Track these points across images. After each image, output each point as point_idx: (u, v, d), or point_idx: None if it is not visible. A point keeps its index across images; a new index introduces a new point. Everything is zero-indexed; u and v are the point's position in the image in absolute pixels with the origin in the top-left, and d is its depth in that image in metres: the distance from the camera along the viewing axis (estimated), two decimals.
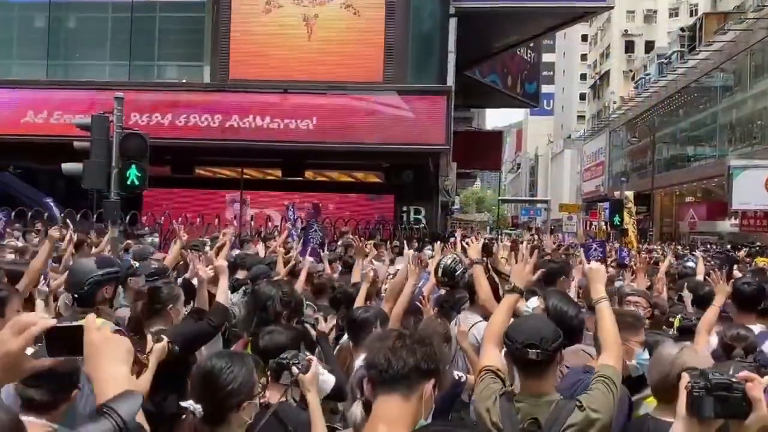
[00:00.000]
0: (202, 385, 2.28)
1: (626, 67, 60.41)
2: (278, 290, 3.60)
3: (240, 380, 2.26)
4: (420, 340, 1.86)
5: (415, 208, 17.23)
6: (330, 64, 15.93)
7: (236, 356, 2.42)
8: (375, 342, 1.91)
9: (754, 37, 28.36)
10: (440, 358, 1.86)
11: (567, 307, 3.30)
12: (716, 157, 32.44)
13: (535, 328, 2.60)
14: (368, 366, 1.87)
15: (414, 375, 1.79)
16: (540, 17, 18.70)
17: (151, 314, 3.67)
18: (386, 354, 1.81)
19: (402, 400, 1.79)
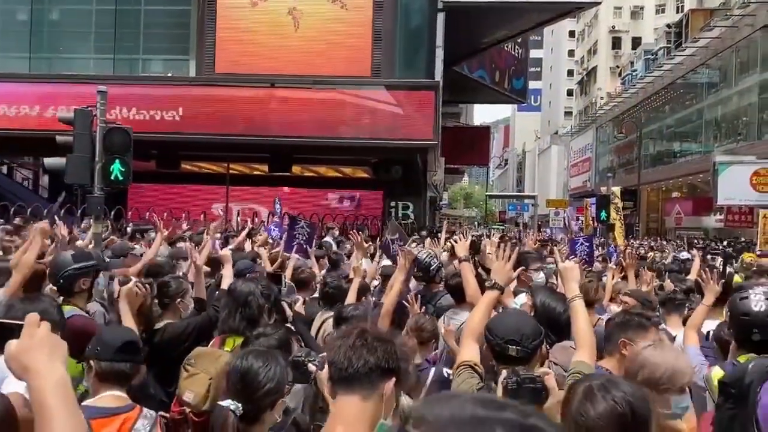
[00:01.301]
0: (242, 383, 2.29)
1: (613, 63, 60.68)
2: (256, 285, 3.60)
3: (277, 378, 2.30)
4: (381, 338, 1.83)
5: (403, 203, 17.20)
6: (317, 58, 15.83)
7: (270, 354, 2.43)
8: (335, 340, 1.88)
9: (739, 33, 28.56)
10: (402, 356, 1.83)
11: (555, 304, 3.28)
12: (702, 153, 32.69)
13: (516, 324, 2.64)
14: (328, 365, 1.84)
15: (374, 374, 1.76)
16: (528, 12, 18.69)
17: (161, 308, 3.96)
18: (346, 352, 1.78)
19: (362, 399, 1.75)
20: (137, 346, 2.74)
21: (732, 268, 9.55)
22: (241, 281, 3.86)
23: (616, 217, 17.27)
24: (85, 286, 3.84)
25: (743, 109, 29.36)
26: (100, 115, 8.65)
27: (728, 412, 2.41)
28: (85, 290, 3.86)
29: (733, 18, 28.90)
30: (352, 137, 15.00)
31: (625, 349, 2.92)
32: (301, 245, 8.00)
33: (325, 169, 18.46)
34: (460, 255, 4.16)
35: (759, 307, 3.08)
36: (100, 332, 2.82)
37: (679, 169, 35.73)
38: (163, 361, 3.63)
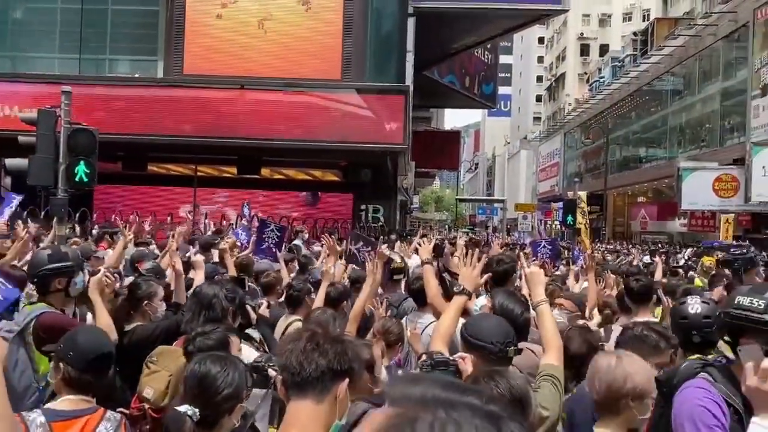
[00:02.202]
0: (199, 388, 2.26)
1: (581, 69, 61.66)
2: (221, 288, 3.59)
3: (235, 384, 2.27)
4: (333, 340, 1.83)
5: (373, 206, 17.22)
6: (288, 60, 15.78)
7: (228, 359, 2.40)
8: (286, 344, 1.87)
9: (702, 42, 29.28)
10: (354, 357, 1.83)
11: (513, 306, 3.28)
12: (666, 159, 33.37)
13: (492, 327, 2.72)
14: (280, 369, 1.83)
15: (327, 377, 1.77)
16: (497, 18, 18.90)
17: (130, 309, 3.94)
18: (298, 357, 1.78)
19: (314, 403, 1.76)
20: (111, 357, 2.73)
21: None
22: (206, 284, 3.85)
23: (582, 222, 17.54)
24: (60, 285, 3.84)
25: (706, 117, 30.09)
26: (64, 115, 8.51)
27: (659, 410, 2.47)
28: (60, 289, 3.86)
29: (696, 27, 29.61)
30: (322, 140, 14.99)
31: None
32: (270, 248, 7.97)
33: (294, 172, 18.39)
34: (423, 257, 4.19)
35: (695, 310, 3.21)
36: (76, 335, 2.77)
37: (644, 175, 36.42)
38: (131, 363, 3.60)
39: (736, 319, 2.09)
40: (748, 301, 2.08)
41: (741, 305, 2.09)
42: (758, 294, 2.09)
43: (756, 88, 23.87)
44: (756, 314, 2.04)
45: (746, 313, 2.06)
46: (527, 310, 3.26)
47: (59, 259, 3.89)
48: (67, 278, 3.89)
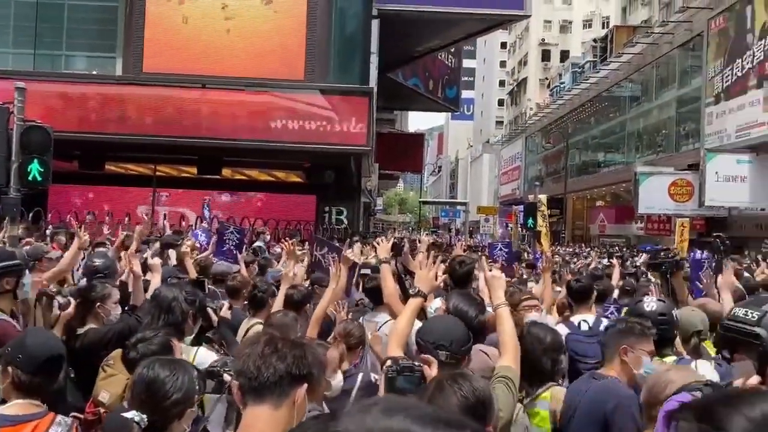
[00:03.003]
0: (147, 394, 2.20)
1: (542, 75, 62.64)
2: (180, 290, 3.53)
3: (185, 388, 2.22)
4: (292, 344, 1.80)
5: (337, 208, 17.15)
6: (250, 60, 15.62)
7: (177, 363, 2.35)
8: (243, 348, 1.84)
9: (659, 50, 30.05)
10: (313, 361, 1.81)
11: (468, 308, 3.30)
12: (624, 164, 34.12)
13: (447, 329, 2.72)
14: (237, 374, 1.80)
15: (285, 381, 1.74)
16: (459, 23, 19.03)
17: (83, 312, 3.90)
18: (255, 361, 1.75)
19: (272, 409, 1.73)
20: (62, 359, 2.66)
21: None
22: (165, 287, 3.78)
23: (542, 225, 17.77)
24: (9, 286, 3.76)
25: (662, 123, 30.87)
26: (17, 112, 8.27)
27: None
28: (9, 290, 3.78)
29: (653, 36, 30.37)
30: (284, 141, 14.87)
31: (626, 355, 2.95)
32: (231, 250, 7.89)
33: (256, 173, 18.20)
34: (380, 257, 4.19)
35: (651, 308, 3.36)
36: (24, 338, 2.69)
37: (603, 179, 37.16)
38: (83, 366, 3.51)
39: (730, 331, 1.94)
40: (743, 313, 1.93)
41: (736, 317, 1.95)
42: (755, 305, 1.94)
43: (710, 96, 24.60)
44: (748, 326, 1.89)
45: (739, 325, 1.92)
46: (482, 312, 3.28)
47: (7, 257, 3.82)
48: (15, 278, 3.80)
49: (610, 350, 3.02)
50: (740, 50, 22.63)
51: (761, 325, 1.84)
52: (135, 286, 4.23)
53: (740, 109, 22.40)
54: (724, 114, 23.43)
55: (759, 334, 1.84)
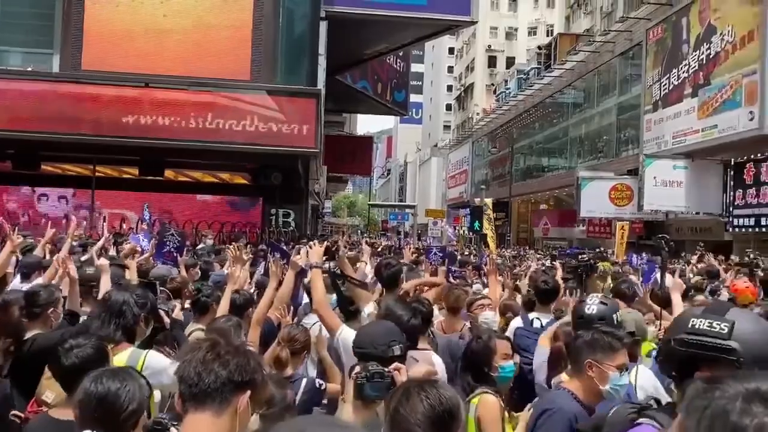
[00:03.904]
0: (101, 410, 2.09)
1: (489, 80, 63.69)
2: (131, 294, 3.43)
3: (137, 397, 2.14)
4: (235, 351, 1.76)
5: (284, 211, 16.97)
6: (195, 59, 15.29)
7: (124, 372, 2.26)
8: (185, 354, 1.79)
9: (600, 58, 30.95)
10: (256, 368, 1.78)
11: (400, 312, 3.29)
12: (567, 169, 34.96)
13: (374, 332, 2.81)
14: (178, 380, 1.74)
15: (227, 388, 1.69)
16: (406, 27, 19.15)
17: (30, 318, 3.79)
18: (196, 367, 1.70)
19: (213, 416, 1.68)
20: None
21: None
22: (115, 290, 3.68)
23: (488, 227, 18.06)
24: None
25: (604, 129, 31.78)
26: None
27: None
28: None
29: (595, 44, 31.28)
30: (229, 142, 14.62)
31: (591, 370, 2.77)
32: (171, 253, 7.72)
33: (201, 174, 17.84)
34: (312, 261, 4.15)
35: (591, 311, 3.36)
36: None
37: (546, 183, 37.99)
38: (30, 373, 3.35)
39: (693, 347, 1.63)
40: (708, 325, 1.64)
41: (698, 330, 1.64)
42: (717, 315, 1.66)
43: (648, 104, 25.47)
44: (719, 340, 1.60)
45: (706, 340, 1.63)
46: (415, 316, 3.26)
47: None
48: None
49: (578, 363, 2.86)
50: (676, 60, 23.52)
51: (733, 337, 1.58)
52: (71, 290, 4.08)
53: (677, 117, 23.27)
54: (662, 121, 24.30)
55: (734, 348, 1.57)
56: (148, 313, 3.43)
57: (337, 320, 3.80)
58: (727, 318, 1.62)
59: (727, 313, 1.64)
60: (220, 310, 4.48)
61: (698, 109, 21.92)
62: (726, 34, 20.74)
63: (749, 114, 19.35)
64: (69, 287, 4.13)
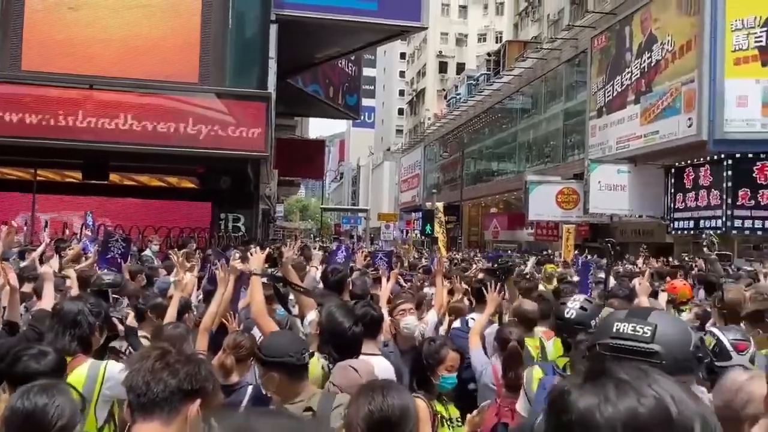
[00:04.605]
0: (27, 426, 2.02)
1: (440, 86, 64.31)
2: (84, 303, 3.36)
3: (67, 414, 2.06)
4: (185, 359, 1.75)
5: (234, 215, 16.74)
6: (142, 60, 14.95)
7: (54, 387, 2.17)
8: (134, 363, 1.77)
9: (548, 65, 31.67)
10: (207, 376, 1.77)
11: (342, 318, 3.26)
12: (516, 173, 35.61)
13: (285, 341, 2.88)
14: (127, 390, 1.72)
15: (176, 397, 1.68)
16: (357, 32, 19.16)
17: None
18: (145, 376, 1.68)
19: (162, 425, 1.66)
20: None
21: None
22: (67, 300, 3.59)
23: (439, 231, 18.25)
24: None
25: (551, 134, 32.51)
26: None
27: None
28: None
29: (542, 51, 31.98)
30: (177, 145, 14.35)
31: None
32: (115, 259, 7.55)
33: (147, 179, 17.45)
34: (251, 268, 4.11)
35: (570, 314, 3.37)
36: None
37: (496, 187, 38.60)
38: None
39: (618, 351, 1.60)
40: (631, 329, 1.62)
41: (622, 334, 1.62)
42: (640, 318, 1.65)
43: (593, 110, 26.19)
44: (643, 344, 1.59)
45: (629, 344, 1.60)
46: (356, 324, 3.25)
47: None
48: None
49: None
50: (620, 68, 24.27)
51: (656, 341, 1.58)
52: (11, 300, 3.88)
53: (620, 123, 24.01)
54: (606, 127, 25.02)
55: (657, 352, 1.57)
56: (102, 322, 3.37)
57: (274, 328, 3.77)
58: (649, 321, 1.62)
59: (649, 317, 1.65)
60: (168, 317, 4.41)
61: (640, 116, 22.66)
62: (666, 43, 21.53)
63: (688, 120, 20.13)
64: (9, 296, 3.98)
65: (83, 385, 2.86)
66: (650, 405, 0.92)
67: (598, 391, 0.94)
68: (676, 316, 1.70)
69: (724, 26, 19.40)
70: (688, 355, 1.59)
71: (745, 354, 3.16)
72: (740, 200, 19.35)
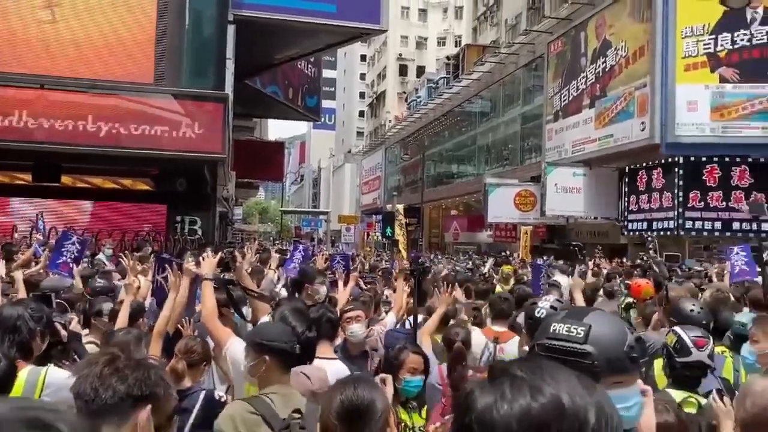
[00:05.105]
0: None
1: (400, 89, 64.58)
2: (25, 308, 3.24)
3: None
4: (134, 364, 1.71)
5: (190, 218, 16.47)
6: (95, 60, 14.61)
7: None
8: (82, 369, 1.73)
9: (506, 69, 32.11)
10: (158, 381, 1.73)
11: (295, 323, 3.21)
12: (475, 176, 35.98)
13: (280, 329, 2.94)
14: (74, 397, 1.68)
15: (126, 403, 1.65)
16: (316, 33, 19.09)
17: None
18: (93, 382, 1.65)
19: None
20: None
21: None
22: (7, 305, 3.47)
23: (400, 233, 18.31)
24: None
25: (509, 137, 32.96)
26: None
27: None
28: None
29: (500, 55, 32.41)
30: (131, 147, 14.05)
31: None
32: (67, 263, 7.35)
33: (101, 181, 17.04)
34: (203, 273, 4.06)
35: (540, 314, 3.38)
36: None
37: (456, 190, 38.94)
38: None
39: (552, 351, 1.62)
40: (566, 330, 1.63)
41: (558, 335, 1.64)
42: (575, 319, 1.66)
43: (549, 114, 26.64)
44: (576, 345, 1.60)
45: (564, 344, 1.61)
46: (310, 328, 3.23)
47: None
48: None
49: None
50: (575, 72, 24.76)
51: (589, 341, 1.59)
52: None
53: (575, 127, 24.48)
54: (562, 130, 25.49)
55: (589, 352, 1.57)
56: (44, 328, 3.28)
57: (225, 333, 3.71)
58: (584, 322, 1.63)
59: (586, 317, 1.65)
60: (119, 322, 4.36)
61: (595, 120, 23.15)
62: (620, 49, 22.05)
63: (641, 124, 20.65)
64: None
65: (22, 392, 2.78)
66: (543, 400, 0.95)
67: (495, 390, 0.97)
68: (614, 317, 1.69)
69: (675, 33, 19.99)
70: (621, 356, 1.60)
71: (704, 350, 3.37)
72: (691, 202, 19.93)
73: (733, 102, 19.56)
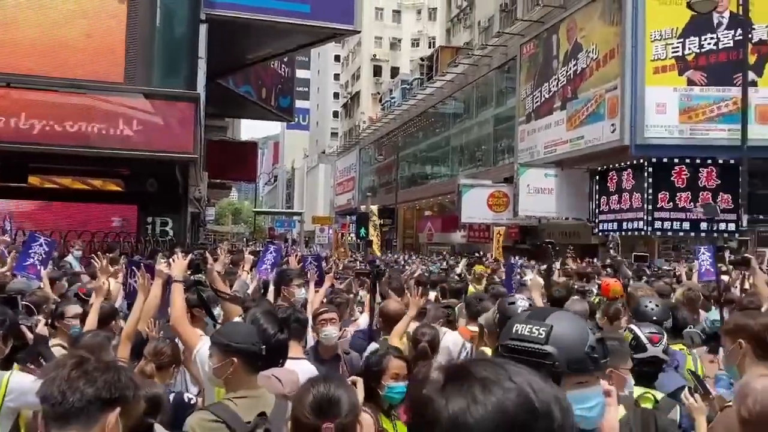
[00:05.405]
0: None
1: (374, 89, 64.61)
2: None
3: None
4: (103, 367, 1.69)
5: (161, 219, 16.27)
6: (64, 58, 14.35)
7: None
8: (49, 371, 1.70)
9: (479, 71, 32.34)
10: (127, 383, 1.72)
11: (266, 325, 3.17)
12: (449, 176, 36.19)
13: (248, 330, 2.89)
14: (41, 400, 1.66)
15: (93, 406, 1.63)
16: (289, 34, 19.00)
17: None
18: (60, 385, 1.62)
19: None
20: None
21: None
22: None
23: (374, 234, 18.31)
24: None
25: (483, 139, 33.21)
26: None
27: None
28: None
29: (474, 57, 32.64)
30: (101, 146, 13.83)
31: (611, 377, 2.73)
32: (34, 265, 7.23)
33: (70, 181, 16.73)
34: (173, 275, 4.00)
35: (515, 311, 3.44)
36: None
37: (430, 190, 39.10)
38: None
39: (515, 352, 1.62)
40: (528, 330, 1.64)
41: (520, 335, 1.64)
42: (538, 320, 1.66)
43: (522, 115, 26.91)
44: (538, 345, 1.61)
45: (525, 345, 1.62)
46: (282, 331, 3.20)
47: None
48: None
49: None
50: (547, 75, 25.05)
51: (550, 342, 1.60)
52: None
53: (547, 128, 24.76)
54: (534, 132, 25.76)
55: (550, 353, 1.58)
56: (6, 331, 3.23)
57: (195, 336, 3.67)
58: (546, 323, 1.64)
59: (548, 318, 1.66)
60: (88, 324, 4.30)
61: (567, 121, 23.44)
62: (591, 52, 22.37)
63: (611, 126, 20.97)
64: None
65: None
66: (514, 398, 0.95)
67: (464, 393, 0.96)
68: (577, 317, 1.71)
69: (644, 36, 20.34)
70: (581, 356, 1.62)
71: (659, 345, 3.45)
72: (660, 203, 20.29)
73: (700, 105, 19.98)
